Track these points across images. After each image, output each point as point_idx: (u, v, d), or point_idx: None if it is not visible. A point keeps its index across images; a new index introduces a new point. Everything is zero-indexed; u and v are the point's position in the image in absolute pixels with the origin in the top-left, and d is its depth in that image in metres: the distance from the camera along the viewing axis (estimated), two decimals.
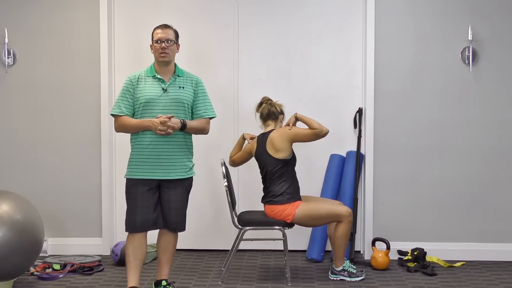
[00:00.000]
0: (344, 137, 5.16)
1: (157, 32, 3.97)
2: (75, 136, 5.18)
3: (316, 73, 5.17)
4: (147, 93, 3.89)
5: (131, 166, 3.91)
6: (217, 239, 5.25)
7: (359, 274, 4.44)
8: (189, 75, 4.06)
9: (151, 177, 3.86)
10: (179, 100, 3.92)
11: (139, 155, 3.88)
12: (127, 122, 3.90)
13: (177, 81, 3.97)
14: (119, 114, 3.92)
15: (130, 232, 3.89)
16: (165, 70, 3.97)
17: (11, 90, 5.18)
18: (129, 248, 3.88)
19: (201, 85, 4.08)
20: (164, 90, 3.91)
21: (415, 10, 5.01)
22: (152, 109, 3.87)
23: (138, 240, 3.89)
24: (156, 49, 3.93)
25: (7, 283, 4.09)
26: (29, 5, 5.14)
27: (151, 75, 3.96)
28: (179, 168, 3.91)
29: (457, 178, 5.03)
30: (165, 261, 4.01)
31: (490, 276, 4.55)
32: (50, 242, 5.15)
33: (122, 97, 3.95)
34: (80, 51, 5.14)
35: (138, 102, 3.90)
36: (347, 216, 4.31)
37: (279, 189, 4.34)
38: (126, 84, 3.97)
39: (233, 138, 5.20)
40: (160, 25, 4.00)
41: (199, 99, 4.03)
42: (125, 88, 3.96)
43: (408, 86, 5.03)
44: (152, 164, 3.85)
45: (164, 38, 3.93)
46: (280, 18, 5.17)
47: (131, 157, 3.94)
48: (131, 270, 3.88)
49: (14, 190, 4.61)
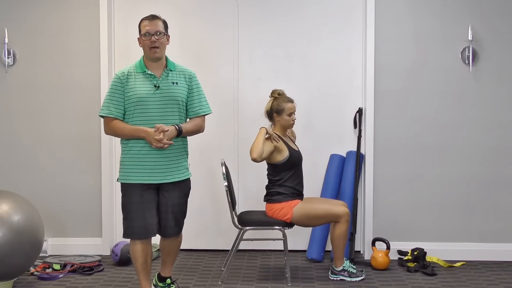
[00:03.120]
0: (344, 137, 5.16)
1: (144, 24, 3.71)
2: (75, 136, 5.18)
3: (316, 73, 5.17)
4: (138, 91, 3.65)
5: (126, 169, 3.70)
6: (217, 239, 5.25)
7: (359, 274, 4.44)
8: (181, 69, 3.83)
9: (148, 181, 3.67)
10: (173, 97, 3.71)
11: (133, 158, 3.68)
12: (119, 127, 3.67)
13: (169, 76, 3.75)
14: (109, 116, 3.68)
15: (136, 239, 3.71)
16: (156, 64, 3.73)
17: (11, 90, 5.18)
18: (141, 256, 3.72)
19: (195, 79, 3.86)
20: (156, 87, 3.68)
21: (415, 10, 5.01)
22: (145, 108, 3.66)
23: (146, 245, 3.73)
24: (146, 44, 3.68)
25: (7, 283, 4.09)
26: (29, 5, 5.14)
27: (141, 71, 3.71)
28: (176, 170, 3.75)
29: (457, 178, 5.03)
30: (169, 261, 3.96)
31: (490, 276, 4.55)
32: (50, 242, 5.15)
33: (111, 97, 3.69)
34: (80, 51, 5.14)
35: (129, 102, 3.67)
36: (344, 216, 4.31)
37: (277, 188, 4.35)
38: (114, 82, 3.71)
39: (233, 138, 5.20)
40: (147, 17, 3.76)
41: (194, 95, 3.83)
42: (114, 87, 3.70)
43: (408, 86, 5.03)
44: (149, 167, 3.66)
45: (153, 30, 3.68)
46: (280, 18, 5.16)
47: (124, 160, 3.73)
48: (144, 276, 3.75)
49: (14, 190, 4.61)
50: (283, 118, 4.40)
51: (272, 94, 4.47)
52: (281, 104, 4.39)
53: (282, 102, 4.39)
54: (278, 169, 4.36)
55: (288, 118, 4.38)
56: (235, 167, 5.17)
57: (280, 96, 4.45)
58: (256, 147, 4.19)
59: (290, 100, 4.43)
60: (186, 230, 5.24)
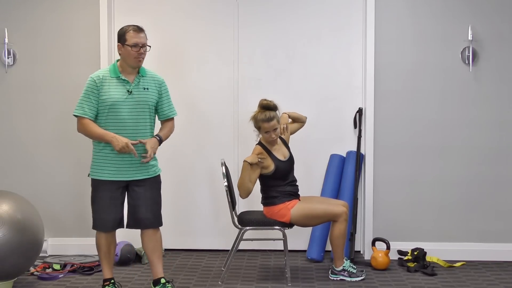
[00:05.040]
0: (344, 137, 5.16)
1: (132, 35, 3.85)
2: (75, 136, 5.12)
3: (316, 73, 5.17)
4: (112, 95, 3.84)
5: (97, 166, 3.91)
6: (217, 239, 5.25)
7: (359, 274, 4.44)
8: (152, 75, 4.02)
9: (118, 178, 3.89)
10: (144, 102, 3.92)
11: (104, 156, 3.88)
12: (90, 129, 3.84)
13: (141, 82, 3.93)
14: (83, 116, 3.85)
15: (102, 231, 3.95)
16: (130, 70, 3.91)
17: (11, 90, 5.18)
18: (104, 245, 3.97)
19: (165, 85, 4.07)
20: (129, 92, 3.87)
21: (415, 10, 5.01)
22: (118, 112, 3.86)
23: (110, 237, 3.98)
24: (131, 54, 3.84)
25: (7, 283, 4.09)
26: (29, 5, 5.14)
27: (115, 76, 3.89)
28: (145, 168, 3.94)
29: (457, 178, 5.03)
30: (156, 260, 4.02)
31: (490, 276, 4.55)
32: (50, 242, 5.15)
33: (86, 98, 3.86)
34: (80, 51, 5.14)
35: (103, 105, 3.86)
36: (343, 215, 4.32)
37: (271, 192, 4.36)
38: (90, 85, 3.88)
39: (233, 138, 5.20)
40: (134, 27, 3.89)
41: (164, 99, 4.04)
42: (89, 89, 3.87)
43: (408, 86, 5.03)
44: (119, 166, 3.88)
45: (141, 43, 3.87)
46: (280, 18, 5.16)
47: (96, 158, 3.93)
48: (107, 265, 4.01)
49: (14, 190, 4.60)
50: (262, 135, 4.38)
51: (259, 105, 4.41)
52: (258, 123, 4.34)
53: (260, 121, 4.32)
54: (266, 179, 4.37)
55: (266, 136, 4.34)
56: (235, 167, 5.17)
57: (259, 113, 4.34)
58: (242, 187, 4.30)
59: (267, 119, 4.28)
60: (186, 230, 5.28)
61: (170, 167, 5.17)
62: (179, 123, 4.87)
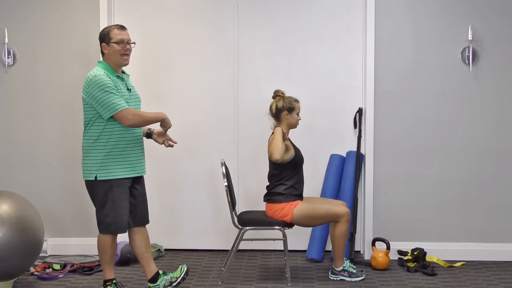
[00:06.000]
0: (344, 137, 5.16)
1: (116, 32, 3.84)
2: (75, 136, 5.15)
3: (316, 73, 5.17)
4: (123, 94, 3.84)
5: (107, 166, 3.79)
6: (217, 239, 5.25)
7: (359, 274, 4.44)
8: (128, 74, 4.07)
9: (131, 175, 3.89)
10: (138, 99, 4.01)
11: (116, 155, 3.83)
12: (143, 114, 3.85)
13: (128, 79, 4.02)
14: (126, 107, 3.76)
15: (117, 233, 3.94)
16: (118, 70, 3.92)
17: (11, 90, 5.18)
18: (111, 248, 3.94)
19: None
20: (129, 90, 3.93)
21: (415, 10, 5.01)
22: None
23: (116, 238, 4.00)
24: (118, 50, 3.82)
25: (7, 283, 4.09)
26: (29, 5, 5.14)
27: (114, 74, 3.86)
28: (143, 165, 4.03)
29: (457, 178, 5.03)
30: (149, 257, 4.06)
31: (490, 276, 4.55)
32: (50, 242, 5.15)
33: (114, 93, 3.73)
34: (80, 51, 5.14)
35: None
36: (345, 215, 4.32)
37: (278, 189, 4.35)
38: (108, 81, 3.74)
39: (233, 138, 5.20)
40: (117, 26, 3.90)
41: None
42: (110, 85, 3.74)
43: (408, 86, 5.03)
44: (132, 161, 3.89)
45: (127, 39, 3.87)
46: (281, 18, 5.16)
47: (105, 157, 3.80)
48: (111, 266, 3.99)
49: (14, 190, 4.60)
50: (293, 116, 4.40)
51: (277, 94, 4.47)
52: (292, 103, 4.39)
53: (293, 101, 4.41)
54: (283, 167, 4.35)
55: (296, 117, 4.42)
56: (235, 167, 5.17)
57: (287, 96, 4.45)
58: (277, 148, 4.23)
59: (297, 100, 4.45)
60: (186, 230, 5.28)
61: (170, 167, 5.17)
62: (179, 123, 4.88)
